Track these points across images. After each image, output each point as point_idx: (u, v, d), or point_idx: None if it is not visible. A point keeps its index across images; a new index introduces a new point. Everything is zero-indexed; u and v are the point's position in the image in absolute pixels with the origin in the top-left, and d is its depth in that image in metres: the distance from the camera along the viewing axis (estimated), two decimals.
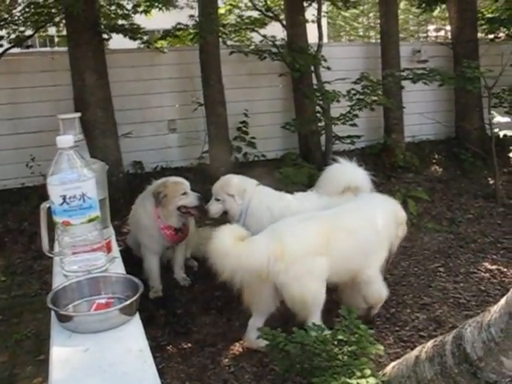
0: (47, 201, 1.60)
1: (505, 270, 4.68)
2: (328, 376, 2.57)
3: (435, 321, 3.85)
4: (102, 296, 1.51)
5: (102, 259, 1.66)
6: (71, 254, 1.60)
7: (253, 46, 7.59)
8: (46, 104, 6.73)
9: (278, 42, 7.55)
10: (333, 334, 2.87)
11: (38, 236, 1.77)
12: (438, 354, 2.46)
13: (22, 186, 6.65)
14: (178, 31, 7.21)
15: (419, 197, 6.43)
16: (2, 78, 6.66)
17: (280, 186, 4.67)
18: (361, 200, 3.86)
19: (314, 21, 7.61)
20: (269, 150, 7.90)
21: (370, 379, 2.50)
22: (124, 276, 1.58)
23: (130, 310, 1.38)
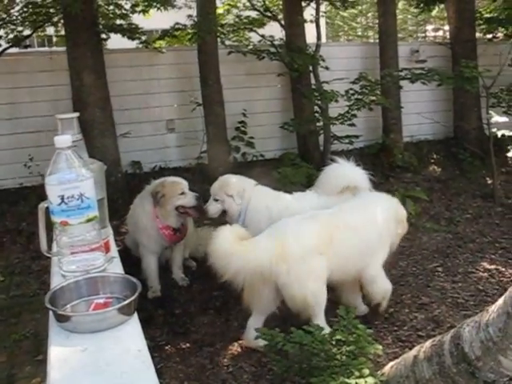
0: (45, 201, 1.60)
1: (503, 269, 4.68)
2: (326, 376, 2.57)
3: (433, 320, 3.85)
4: (101, 296, 1.50)
5: (100, 259, 1.66)
6: (69, 253, 1.60)
7: (251, 46, 7.60)
8: (44, 104, 6.72)
9: (276, 42, 7.55)
10: (331, 333, 2.88)
11: (36, 236, 1.77)
12: (436, 354, 2.47)
13: (20, 186, 6.64)
14: (176, 31, 7.21)
15: (417, 197, 6.42)
16: (1, 77, 6.66)
17: (278, 186, 4.66)
18: (361, 198, 3.86)
19: (312, 21, 7.62)
20: (267, 150, 7.90)
21: (369, 379, 2.50)
22: (122, 276, 1.58)
23: (128, 310, 1.38)
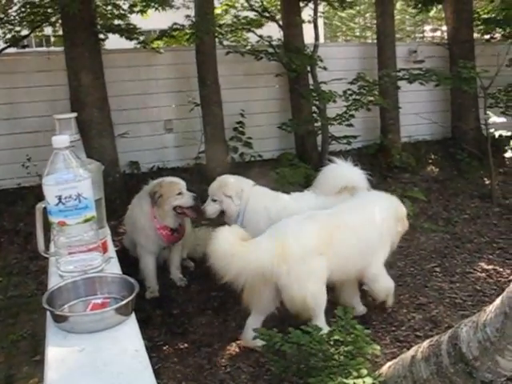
0: (43, 201, 1.60)
1: (501, 269, 4.69)
2: (324, 376, 2.57)
3: (431, 321, 3.85)
4: (98, 296, 1.50)
5: (98, 259, 1.65)
6: (67, 254, 1.60)
7: (249, 47, 7.58)
8: (42, 104, 6.71)
9: (274, 43, 7.54)
10: (329, 334, 2.88)
11: (34, 236, 1.76)
12: (433, 354, 2.47)
13: (18, 186, 6.63)
14: (174, 31, 7.19)
15: (415, 197, 6.43)
16: None
17: (276, 187, 4.66)
18: (360, 198, 3.87)
19: (310, 21, 7.61)
20: (265, 151, 7.90)
21: (367, 379, 2.50)
22: (120, 276, 1.58)
23: (125, 310, 1.38)
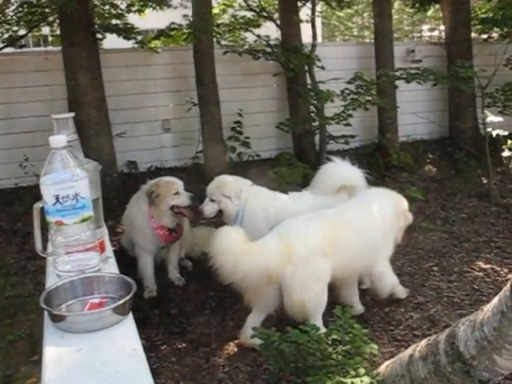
0: (40, 201, 1.60)
1: (498, 268, 4.70)
2: (322, 375, 2.57)
3: (429, 320, 3.86)
4: (96, 296, 1.50)
5: (96, 259, 1.65)
6: (64, 253, 1.60)
7: (247, 46, 7.58)
8: (39, 104, 6.70)
9: (272, 42, 7.54)
10: (327, 333, 2.88)
11: (31, 236, 1.76)
12: (431, 353, 2.47)
13: (15, 186, 6.61)
14: (171, 31, 7.18)
15: (413, 196, 6.41)
16: None
17: (274, 186, 4.66)
18: (361, 197, 3.88)
19: (308, 21, 7.61)
20: (263, 150, 7.90)
21: (364, 378, 2.50)
22: (117, 276, 1.58)
23: (123, 310, 1.38)
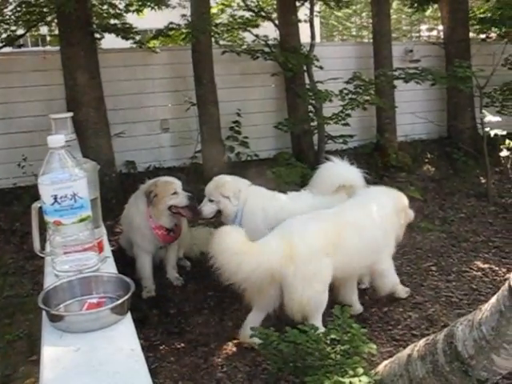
0: (38, 200, 1.60)
1: (496, 268, 4.70)
2: (321, 375, 2.57)
3: (427, 319, 3.86)
4: (94, 296, 1.50)
5: (94, 259, 1.65)
6: (62, 253, 1.60)
7: (245, 46, 7.59)
8: (37, 103, 6.70)
9: (270, 42, 7.55)
10: (325, 333, 2.88)
11: (30, 236, 1.76)
12: (429, 353, 2.48)
13: (13, 186, 6.61)
14: (170, 31, 7.17)
15: (412, 196, 6.39)
16: None
17: (273, 186, 4.66)
18: (361, 196, 3.89)
19: (306, 20, 7.62)
20: (261, 150, 7.90)
21: (363, 378, 2.50)
22: (115, 275, 1.58)
23: (121, 310, 1.38)
